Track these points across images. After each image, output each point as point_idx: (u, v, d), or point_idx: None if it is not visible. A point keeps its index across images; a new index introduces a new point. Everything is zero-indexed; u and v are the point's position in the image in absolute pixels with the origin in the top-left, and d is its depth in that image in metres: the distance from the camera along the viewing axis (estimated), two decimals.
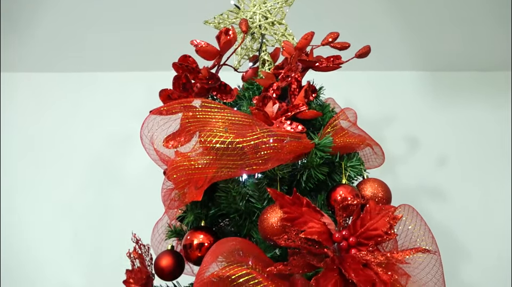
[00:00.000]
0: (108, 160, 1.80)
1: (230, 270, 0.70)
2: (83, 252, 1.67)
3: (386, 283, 0.70)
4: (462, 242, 1.71)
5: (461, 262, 1.69)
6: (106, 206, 1.72)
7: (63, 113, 1.88)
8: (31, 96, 1.89)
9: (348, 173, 0.94)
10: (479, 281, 1.65)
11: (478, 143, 1.85)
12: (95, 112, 1.89)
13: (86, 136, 1.83)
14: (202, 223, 0.93)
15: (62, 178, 1.78)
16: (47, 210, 1.73)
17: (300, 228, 0.76)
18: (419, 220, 0.86)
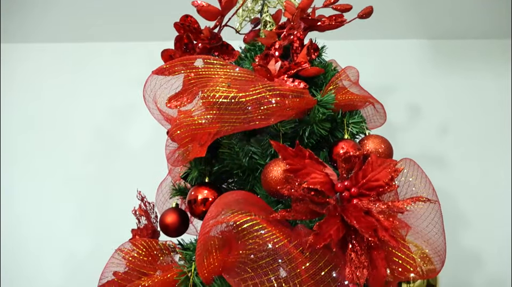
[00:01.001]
0: (111, 130, 1.81)
1: (234, 216, 0.71)
2: (88, 222, 1.68)
3: (387, 228, 0.71)
4: (462, 208, 1.72)
5: (460, 227, 1.71)
6: (110, 176, 1.73)
7: (63, 84, 1.88)
8: (31, 67, 1.89)
9: (350, 130, 0.94)
10: (479, 245, 1.67)
11: (478, 111, 1.85)
12: (96, 83, 1.89)
13: (88, 107, 1.83)
14: (206, 179, 0.94)
15: (65, 150, 1.79)
16: (51, 183, 1.74)
17: (303, 179, 0.77)
18: (420, 173, 0.87)
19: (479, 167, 1.79)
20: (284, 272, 0.69)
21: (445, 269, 1.70)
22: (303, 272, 0.68)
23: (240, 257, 0.73)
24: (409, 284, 0.91)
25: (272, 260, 0.69)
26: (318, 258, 0.70)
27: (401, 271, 0.76)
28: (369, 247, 0.75)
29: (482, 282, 1.66)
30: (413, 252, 0.83)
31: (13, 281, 1.63)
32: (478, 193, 1.74)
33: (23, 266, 1.64)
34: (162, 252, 0.87)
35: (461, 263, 1.67)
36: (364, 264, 0.71)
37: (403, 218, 0.85)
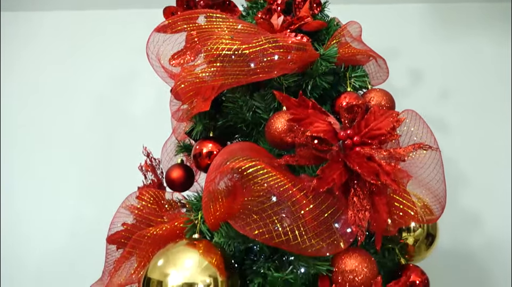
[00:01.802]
0: (113, 98, 1.81)
1: (239, 162, 0.73)
2: (93, 188, 1.70)
3: (389, 173, 0.73)
4: (461, 170, 1.74)
5: (460, 188, 1.73)
6: (113, 145, 1.74)
7: (64, 53, 1.87)
8: (31, 35, 1.88)
9: (352, 83, 0.95)
10: (478, 206, 1.70)
11: (478, 75, 1.84)
12: (96, 51, 1.88)
13: (89, 76, 1.83)
14: (210, 134, 0.96)
15: (68, 117, 1.79)
16: (54, 153, 1.75)
17: (306, 128, 0.78)
18: (421, 124, 0.88)
19: (479, 130, 1.79)
20: (287, 216, 0.71)
21: (445, 230, 1.73)
22: (306, 214, 0.70)
23: (246, 203, 0.75)
24: (410, 233, 0.94)
25: (275, 203, 0.71)
26: (321, 201, 0.72)
27: (402, 215, 0.78)
28: (371, 192, 0.76)
29: (482, 242, 1.69)
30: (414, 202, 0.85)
31: (18, 247, 1.66)
32: (478, 156, 1.75)
33: (29, 231, 1.67)
34: (169, 203, 0.89)
35: (460, 224, 1.69)
36: (366, 207, 0.73)
37: (404, 166, 0.86)
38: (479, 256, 1.70)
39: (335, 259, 0.74)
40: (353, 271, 0.72)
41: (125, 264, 0.88)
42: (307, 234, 0.70)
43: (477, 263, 1.70)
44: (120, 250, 0.90)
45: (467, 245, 1.69)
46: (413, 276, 0.83)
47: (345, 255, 0.74)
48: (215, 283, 0.72)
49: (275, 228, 0.70)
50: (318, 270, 0.73)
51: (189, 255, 0.74)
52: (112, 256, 0.91)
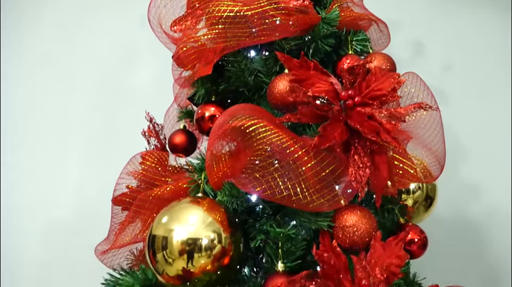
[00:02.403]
0: (115, 71, 1.80)
1: (241, 121, 0.74)
2: (95, 163, 1.71)
3: (389, 131, 0.74)
4: (462, 141, 1.75)
5: (460, 160, 1.74)
6: (115, 119, 1.74)
7: (64, 27, 1.86)
8: (31, 8, 1.86)
9: (354, 47, 0.95)
10: (477, 176, 1.72)
11: (481, 48, 1.84)
12: (97, 24, 1.87)
13: (90, 47, 1.82)
14: (213, 98, 0.96)
15: (68, 89, 1.79)
16: (56, 128, 1.76)
17: (308, 89, 0.79)
18: (422, 86, 0.89)
19: (480, 103, 1.79)
20: (289, 173, 0.72)
21: (444, 200, 1.75)
22: (307, 170, 0.72)
23: (248, 163, 0.76)
24: (409, 195, 0.95)
25: (277, 161, 0.72)
26: (322, 158, 0.74)
27: (402, 174, 0.80)
28: (371, 151, 0.78)
29: (481, 212, 1.71)
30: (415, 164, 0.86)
31: (22, 221, 1.68)
32: (478, 127, 1.75)
33: (34, 204, 1.69)
34: (172, 167, 0.90)
35: (459, 194, 1.71)
36: (367, 165, 0.75)
37: (405, 127, 0.87)
38: (479, 225, 1.72)
39: (335, 215, 0.76)
40: (353, 226, 0.74)
41: (130, 226, 0.90)
42: (308, 190, 0.71)
43: (476, 232, 1.72)
44: (125, 212, 0.92)
45: (466, 215, 1.72)
46: (412, 234, 0.85)
47: (346, 211, 0.76)
48: (219, 238, 0.74)
49: (277, 185, 0.72)
50: (319, 225, 0.74)
51: (193, 211, 0.76)
52: (117, 217, 0.93)
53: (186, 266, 0.72)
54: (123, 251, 0.93)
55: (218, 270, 0.73)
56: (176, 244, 0.73)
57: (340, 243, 0.74)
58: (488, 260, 1.75)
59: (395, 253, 0.72)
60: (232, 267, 0.76)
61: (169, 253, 0.73)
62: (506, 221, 1.71)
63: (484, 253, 1.73)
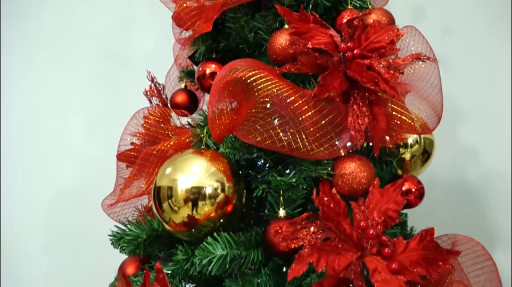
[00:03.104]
0: (114, 35, 1.79)
1: (241, 72, 0.75)
2: (97, 129, 1.73)
3: (388, 80, 0.75)
4: (461, 105, 1.76)
5: (459, 123, 1.76)
6: (115, 87, 1.75)
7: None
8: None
9: (353, 2, 0.95)
10: (476, 140, 1.74)
11: (481, 12, 1.83)
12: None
13: (89, 14, 1.81)
14: (213, 56, 0.97)
15: (69, 60, 1.79)
16: (56, 96, 1.76)
17: (307, 41, 0.80)
18: (421, 39, 0.89)
19: (480, 67, 1.79)
20: (288, 122, 0.74)
21: (442, 165, 1.77)
22: (306, 119, 0.74)
23: (249, 115, 0.78)
24: (407, 149, 0.97)
25: (277, 110, 0.74)
26: (321, 108, 0.75)
27: (400, 124, 0.82)
28: (370, 102, 0.79)
29: (479, 175, 1.74)
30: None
31: (23, 185, 1.71)
32: (477, 92, 1.76)
33: (35, 172, 1.71)
34: (175, 123, 0.92)
35: (457, 157, 1.73)
36: (366, 113, 0.76)
37: (404, 79, 0.89)
38: (477, 188, 1.75)
39: (335, 164, 0.78)
40: (351, 174, 0.76)
41: (136, 181, 0.93)
42: (308, 138, 0.73)
43: (474, 195, 1.75)
44: (129, 169, 0.95)
45: (464, 178, 1.74)
46: (409, 184, 0.87)
47: (345, 159, 0.78)
48: (223, 187, 0.77)
49: (277, 134, 0.74)
50: (319, 173, 0.77)
51: (196, 161, 0.78)
52: (122, 174, 0.95)
53: (191, 213, 0.75)
54: (129, 206, 0.96)
55: (221, 218, 0.76)
56: (181, 192, 0.75)
57: (339, 191, 0.77)
58: (486, 223, 1.78)
59: (392, 199, 0.75)
60: (235, 215, 0.79)
61: (174, 202, 0.76)
62: (504, 185, 1.73)
63: (482, 217, 1.76)
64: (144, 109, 0.93)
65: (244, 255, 0.73)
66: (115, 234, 0.87)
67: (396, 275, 0.65)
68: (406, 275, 0.66)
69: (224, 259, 0.71)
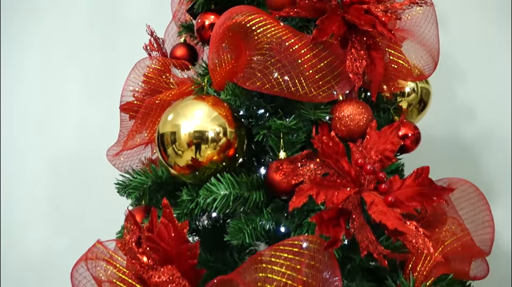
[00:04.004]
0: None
1: (240, 17, 0.76)
2: (97, 88, 1.73)
3: (385, 23, 0.76)
4: (459, 64, 1.77)
5: (456, 82, 1.77)
6: (113, 47, 1.74)
7: None
8: None
9: None
10: (473, 98, 1.75)
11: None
12: None
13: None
14: (212, 7, 0.98)
15: (64, 24, 1.78)
16: (54, 56, 1.76)
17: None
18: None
19: (479, 26, 1.79)
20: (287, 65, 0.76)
21: (439, 123, 1.78)
22: (304, 61, 0.75)
23: (249, 62, 0.80)
24: (404, 97, 0.99)
25: (276, 54, 0.75)
26: (319, 51, 0.77)
27: (397, 69, 0.83)
28: (368, 47, 0.81)
29: (476, 134, 1.76)
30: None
31: (26, 159, 1.73)
32: (476, 51, 1.77)
33: (35, 131, 1.73)
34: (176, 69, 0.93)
35: (455, 116, 1.75)
36: (363, 57, 0.78)
37: (401, 26, 0.90)
38: (474, 147, 1.77)
39: (333, 107, 0.80)
40: (350, 116, 0.78)
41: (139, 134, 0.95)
42: (306, 81, 0.75)
43: (472, 154, 1.77)
44: (132, 121, 0.97)
45: (462, 136, 1.77)
46: (406, 129, 0.90)
47: (343, 103, 0.80)
48: (224, 132, 0.79)
49: (275, 78, 0.75)
50: (318, 116, 0.79)
51: (198, 107, 0.80)
52: (125, 124, 0.97)
53: (194, 156, 0.77)
54: (134, 157, 0.99)
55: (224, 161, 0.79)
56: (184, 137, 0.77)
57: (338, 134, 0.79)
58: (483, 180, 1.82)
59: (389, 140, 0.77)
60: (237, 159, 0.81)
61: (178, 146, 0.78)
62: (502, 143, 1.75)
63: (479, 174, 1.79)
64: (145, 59, 0.94)
65: (246, 196, 0.76)
66: (120, 182, 0.90)
67: (392, 207, 0.69)
68: (402, 208, 0.69)
69: (227, 198, 0.74)
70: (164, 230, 0.66)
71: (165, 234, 0.66)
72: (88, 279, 0.83)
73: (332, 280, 0.69)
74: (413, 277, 0.67)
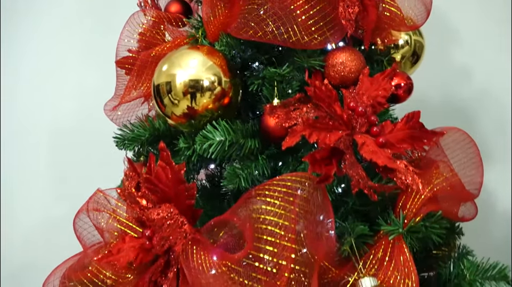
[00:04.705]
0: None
1: None
2: (93, 60, 1.73)
3: None
4: (454, 24, 1.76)
5: (450, 43, 1.77)
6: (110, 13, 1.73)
7: None
8: None
9: None
10: (468, 60, 1.75)
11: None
12: None
13: None
14: None
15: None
16: (52, 28, 1.75)
17: None
18: None
19: None
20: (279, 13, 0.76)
21: (434, 85, 1.78)
22: (297, 8, 0.76)
23: (242, 12, 0.80)
24: (397, 50, 1.00)
25: (268, 1, 0.76)
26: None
27: (390, 17, 0.84)
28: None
29: (471, 95, 1.77)
30: None
31: (24, 127, 1.73)
32: (473, 10, 1.75)
33: (36, 109, 1.74)
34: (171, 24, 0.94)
35: (450, 77, 1.76)
36: (356, 3, 0.78)
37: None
38: (469, 108, 1.78)
39: (326, 55, 0.81)
40: (342, 63, 0.79)
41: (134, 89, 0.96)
42: (299, 27, 0.76)
43: (466, 114, 1.78)
44: (128, 76, 0.97)
45: (456, 98, 1.78)
46: (398, 79, 0.91)
47: (336, 51, 0.81)
48: (219, 81, 0.80)
49: (268, 25, 0.76)
50: (311, 64, 0.80)
51: (193, 56, 0.81)
52: (122, 80, 0.98)
53: (190, 105, 0.79)
54: (131, 112, 1.00)
55: (219, 109, 0.80)
56: (180, 86, 0.79)
57: (331, 81, 0.80)
58: (478, 142, 1.83)
59: (381, 86, 0.78)
60: (232, 107, 0.83)
61: (174, 96, 0.79)
62: (496, 104, 1.76)
63: (474, 136, 1.81)
64: (139, 13, 0.94)
65: (242, 143, 0.78)
66: (119, 136, 0.92)
67: (383, 148, 0.70)
68: (392, 149, 0.71)
69: (223, 144, 0.76)
70: (162, 172, 0.68)
71: (163, 176, 0.68)
72: (90, 226, 0.87)
73: (326, 222, 0.72)
74: (402, 214, 0.70)
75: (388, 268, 0.67)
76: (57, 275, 0.84)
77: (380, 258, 0.68)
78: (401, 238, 0.68)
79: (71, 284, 0.80)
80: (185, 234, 0.64)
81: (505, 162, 1.70)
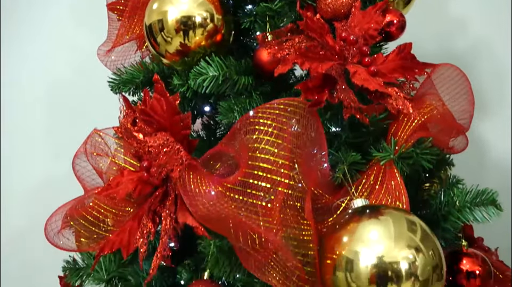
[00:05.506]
0: None
1: None
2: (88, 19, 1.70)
3: None
4: None
5: None
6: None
7: None
8: None
9: None
10: (464, 12, 1.73)
11: None
12: None
13: None
14: None
15: None
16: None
17: None
18: None
19: None
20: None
21: (430, 34, 1.77)
22: None
23: None
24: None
25: None
26: None
27: None
28: None
29: (467, 47, 1.76)
30: None
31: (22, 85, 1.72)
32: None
33: (33, 67, 1.72)
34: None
35: (445, 28, 1.75)
36: None
37: None
38: (465, 59, 1.77)
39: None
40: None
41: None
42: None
43: (462, 66, 1.78)
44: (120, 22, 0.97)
45: (452, 49, 1.77)
46: (391, 16, 0.90)
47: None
48: (211, 17, 0.80)
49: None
50: None
51: None
52: (114, 24, 0.98)
53: (183, 41, 0.79)
54: (125, 57, 1.00)
55: (212, 46, 0.81)
56: (171, 23, 0.79)
57: (323, 16, 0.80)
58: (475, 90, 1.83)
59: (373, 19, 0.79)
60: (225, 44, 0.83)
61: (167, 33, 0.79)
62: (492, 56, 1.75)
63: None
64: None
65: (235, 79, 0.79)
66: (113, 79, 0.92)
67: (374, 77, 0.71)
68: (384, 78, 0.72)
69: (216, 79, 0.77)
70: (157, 103, 0.69)
71: (158, 107, 0.69)
72: (90, 170, 0.88)
73: (321, 155, 0.73)
74: (394, 140, 0.71)
75: (380, 192, 0.69)
76: (58, 215, 0.87)
77: (372, 183, 0.70)
78: (392, 164, 0.70)
79: (72, 222, 0.83)
80: (181, 160, 0.65)
81: (503, 115, 1.70)
